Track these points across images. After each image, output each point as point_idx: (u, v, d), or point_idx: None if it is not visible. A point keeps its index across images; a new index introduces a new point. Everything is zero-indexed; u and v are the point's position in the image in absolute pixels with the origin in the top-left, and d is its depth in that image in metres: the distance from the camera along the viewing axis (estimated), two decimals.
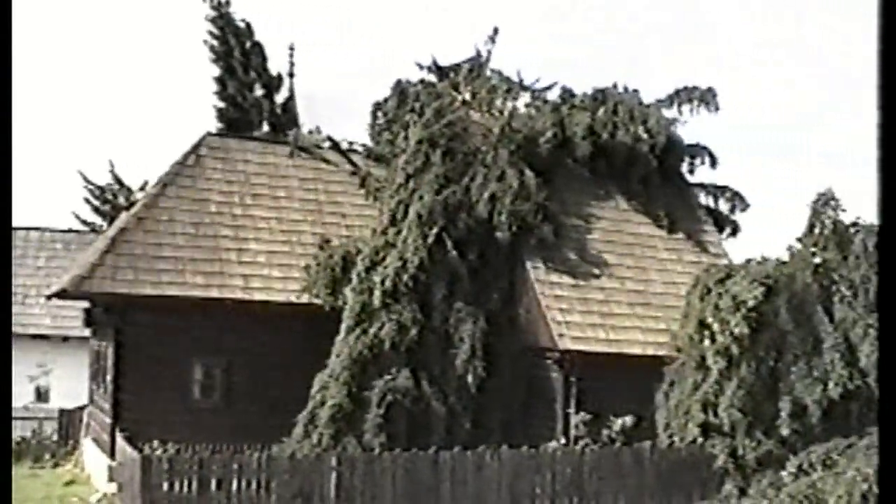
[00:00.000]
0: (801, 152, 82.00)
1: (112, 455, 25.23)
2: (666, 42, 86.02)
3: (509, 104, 32.09)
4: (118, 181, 52.68)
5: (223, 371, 27.14)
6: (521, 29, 76.28)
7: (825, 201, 26.22)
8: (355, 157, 32.40)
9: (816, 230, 26.06)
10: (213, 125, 45.49)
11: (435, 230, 25.88)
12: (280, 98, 48.15)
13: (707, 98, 30.97)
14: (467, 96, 32.09)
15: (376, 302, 25.12)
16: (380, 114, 34.23)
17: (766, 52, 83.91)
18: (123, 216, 31.58)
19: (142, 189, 46.45)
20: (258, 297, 27.21)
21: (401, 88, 33.49)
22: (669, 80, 76.69)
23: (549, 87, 32.91)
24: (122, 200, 50.62)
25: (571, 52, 78.93)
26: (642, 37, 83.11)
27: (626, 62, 77.27)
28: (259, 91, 47.47)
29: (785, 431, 23.03)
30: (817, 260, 25.46)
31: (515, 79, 32.78)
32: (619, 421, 25.34)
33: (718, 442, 23.19)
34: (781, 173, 78.98)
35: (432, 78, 34.37)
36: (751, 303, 23.23)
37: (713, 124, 59.32)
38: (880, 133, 8.05)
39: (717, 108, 30.87)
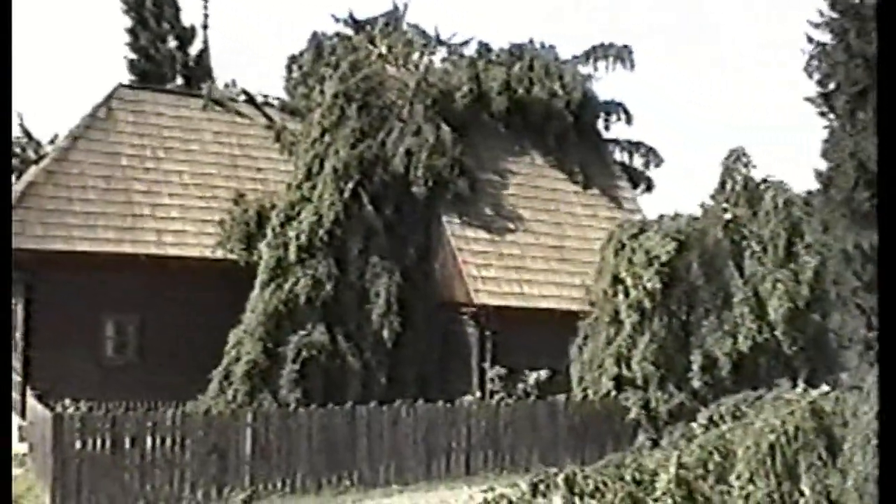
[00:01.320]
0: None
1: (22, 415, 24.80)
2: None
3: (426, 59, 31.98)
4: (27, 134, 51.35)
5: (136, 328, 26.78)
6: None
7: (736, 158, 26.55)
8: (270, 111, 32.03)
9: (728, 187, 26.41)
10: (126, 77, 44.58)
11: (350, 185, 25.77)
12: (194, 50, 47.28)
13: (623, 55, 31.18)
14: (383, 50, 31.87)
15: (291, 257, 24.97)
16: (295, 67, 33.88)
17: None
18: (32, 170, 30.93)
19: (51, 142, 45.33)
20: (172, 252, 26.87)
21: (317, 42, 33.16)
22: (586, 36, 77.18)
23: (465, 43, 32.87)
24: (31, 154, 49.46)
25: (489, 6, 78.83)
26: None
27: (543, 17, 77.42)
28: (172, 43, 46.49)
29: (696, 384, 23.47)
30: (728, 216, 25.84)
31: (432, 33, 32.67)
32: (534, 375, 25.57)
33: (631, 394, 23.54)
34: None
35: (348, 31, 34.09)
36: (663, 258, 23.55)
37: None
38: (880, 132, 8.13)
39: (632, 66, 31.13)
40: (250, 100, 32.22)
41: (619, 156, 33.28)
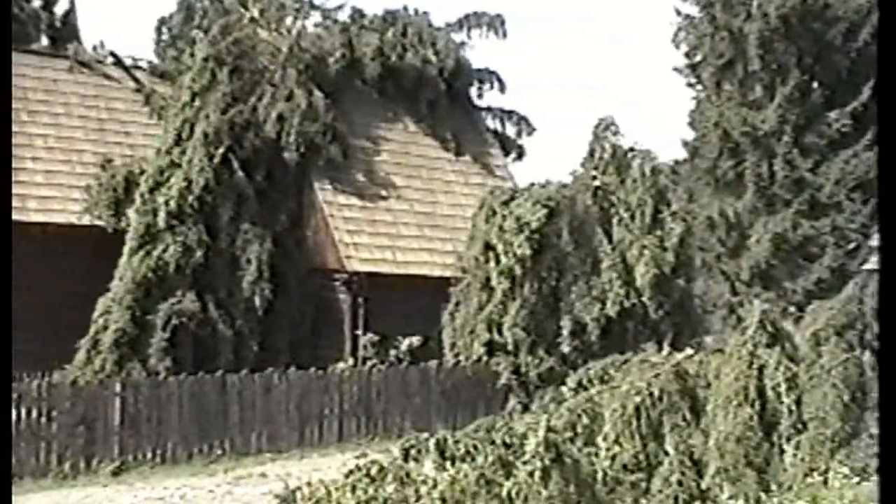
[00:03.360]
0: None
1: None
2: None
3: (298, 23, 31.55)
4: None
5: None
6: None
7: (605, 127, 27.00)
8: (140, 74, 31.27)
9: (597, 155, 26.85)
10: None
11: (221, 150, 25.39)
12: (59, 10, 45.94)
13: (495, 23, 31.37)
14: (255, 13, 31.35)
15: (161, 223, 24.52)
16: (165, 29, 33.26)
17: None
18: None
19: None
20: (36, 218, 26.12)
21: (187, 4, 32.61)
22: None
23: (339, 8, 32.52)
24: None
25: None
26: None
27: None
28: (37, 2, 45.16)
29: (566, 349, 23.90)
30: (597, 184, 26.30)
31: None
32: (407, 341, 25.78)
33: (503, 360, 23.83)
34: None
35: None
36: (534, 225, 23.81)
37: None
38: (881, 132, 8.27)
39: (504, 35, 31.33)
40: (118, 62, 31.43)
41: (492, 124, 33.52)
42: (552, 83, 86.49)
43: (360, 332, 25.94)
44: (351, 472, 11.28)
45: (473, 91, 32.66)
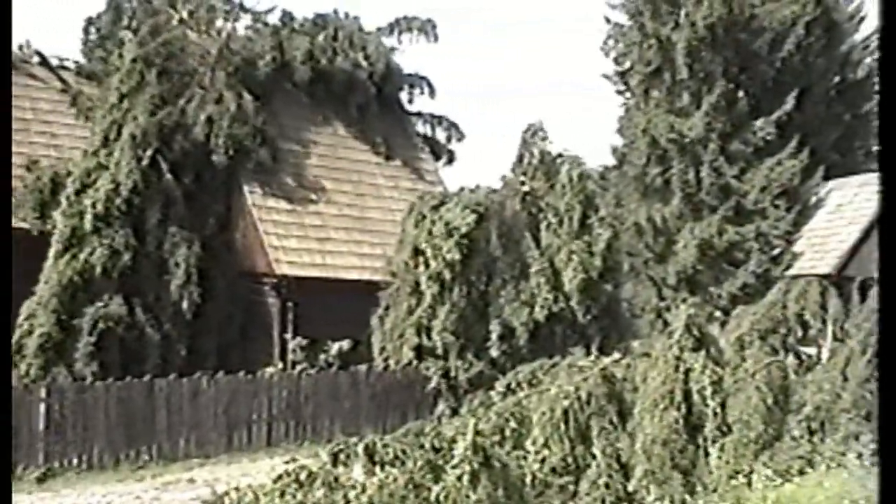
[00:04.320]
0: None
1: None
2: None
3: (228, 25, 31.45)
4: None
5: None
6: None
7: (534, 132, 27.19)
8: (66, 75, 30.81)
9: (525, 160, 27.04)
10: None
11: (149, 152, 25.15)
12: None
13: (426, 28, 31.45)
14: (185, 15, 31.16)
15: (87, 226, 24.22)
16: (93, 29, 32.80)
17: None
18: None
19: None
20: None
21: (116, 3, 32.20)
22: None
23: (269, 11, 32.47)
24: None
25: None
26: None
27: None
28: None
29: (495, 353, 24.04)
30: (526, 188, 26.48)
31: (236, 0, 32.12)
32: (336, 345, 25.69)
33: (432, 364, 23.90)
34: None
35: None
36: (463, 229, 23.93)
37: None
38: (881, 133, 8.34)
39: (436, 39, 31.44)
40: (45, 62, 30.95)
41: (422, 128, 33.65)
42: (486, 87, 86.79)
43: (289, 335, 25.86)
44: (279, 476, 11.26)
45: (404, 96, 32.74)
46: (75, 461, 19.66)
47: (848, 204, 35.61)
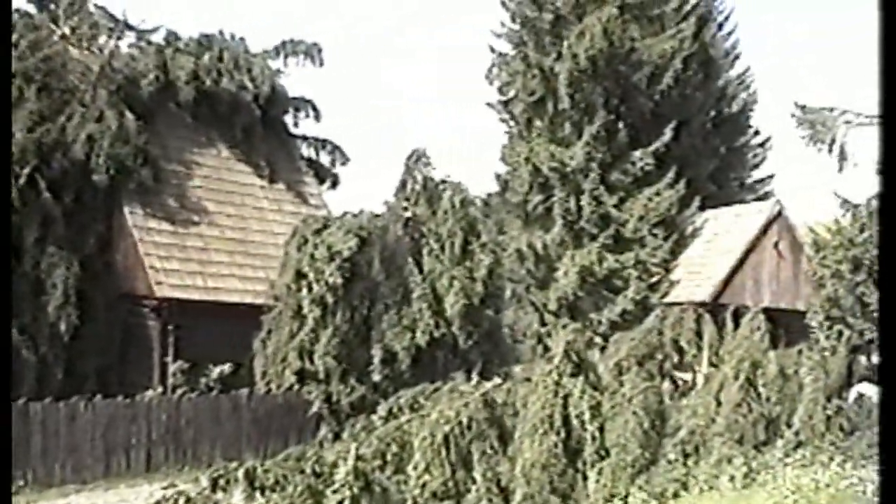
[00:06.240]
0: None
1: None
2: None
3: (112, 43, 31.00)
4: None
5: None
6: None
7: (417, 158, 27.39)
8: None
9: (409, 186, 27.21)
10: None
11: (27, 170, 24.70)
12: None
13: (312, 52, 31.49)
14: (67, 31, 30.64)
15: None
16: None
17: None
18: None
19: None
20: None
21: None
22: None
23: (154, 30, 32.08)
24: None
25: None
26: None
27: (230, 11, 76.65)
28: None
29: (377, 377, 24.10)
30: (408, 214, 26.65)
31: (120, 17, 31.70)
32: (218, 369, 25.43)
33: (314, 388, 23.85)
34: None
35: (31, 8, 32.50)
36: (345, 253, 23.97)
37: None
38: (881, 133, 8.48)
39: (321, 63, 31.47)
40: None
41: (307, 152, 33.60)
42: (368, 111, 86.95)
43: (169, 359, 25.52)
44: (158, 502, 11.16)
45: (289, 119, 32.67)
46: None
47: (723, 234, 36.57)
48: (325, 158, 33.87)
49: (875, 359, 26.74)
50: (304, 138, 33.46)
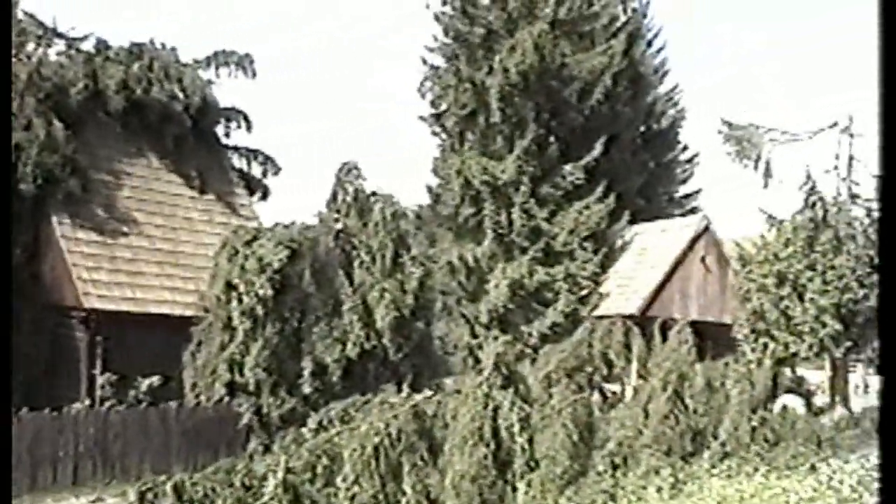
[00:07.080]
0: None
1: None
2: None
3: (40, 50, 30.65)
4: None
5: None
6: None
7: (348, 170, 27.39)
8: None
9: (340, 198, 27.20)
10: None
11: None
12: None
13: (244, 63, 31.43)
14: None
15: None
16: None
17: None
18: None
19: None
20: None
21: None
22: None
23: (84, 38, 31.78)
24: None
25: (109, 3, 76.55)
26: None
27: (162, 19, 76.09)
28: None
29: (307, 389, 24.02)
30: (339, 226, 26.64)
31: (49, 24, 31.36)
32: (147, 381, 25.21)
33: (244, 400, 23.74)
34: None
35: None
36: (275, 265, 23.92)
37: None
38: (881, 133, 8.50)
39: (254, 74, 31.42)
40: None
41: (238, 162, 33.47)
42: (306, 119, 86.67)
43: (97, 371, 25.25)
44: None
45: (220, 129, 32.52)
46: None
47: (652, 248, 37.02)
48: (256, 169, 33.78)
49: (799, 371, 27.23)
50: (236, 149, 33.35)
